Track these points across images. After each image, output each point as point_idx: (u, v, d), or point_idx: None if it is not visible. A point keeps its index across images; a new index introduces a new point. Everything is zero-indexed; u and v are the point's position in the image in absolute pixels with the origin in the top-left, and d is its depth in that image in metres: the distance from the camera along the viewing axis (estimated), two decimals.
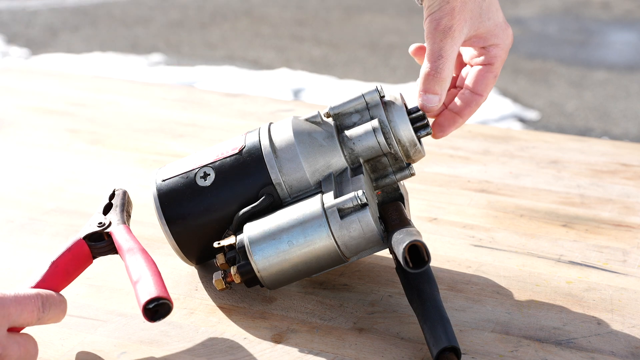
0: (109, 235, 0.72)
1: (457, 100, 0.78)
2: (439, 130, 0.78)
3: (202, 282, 0.78)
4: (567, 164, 1.06)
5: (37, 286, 0.66)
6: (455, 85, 0.82)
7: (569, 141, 1.14)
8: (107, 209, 0.76)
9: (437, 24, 0.73)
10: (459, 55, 0.81)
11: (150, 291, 0.65)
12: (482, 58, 0.78)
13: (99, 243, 0.72)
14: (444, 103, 0.80)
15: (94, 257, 0.72)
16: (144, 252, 0.70)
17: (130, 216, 0.77)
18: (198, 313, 0.73)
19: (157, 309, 0.65)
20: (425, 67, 0.74)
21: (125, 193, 0.78)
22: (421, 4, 0.75)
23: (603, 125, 3.32)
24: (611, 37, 4.61)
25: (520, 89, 3.70)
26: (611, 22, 4.83)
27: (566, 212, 0.93)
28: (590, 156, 1.09)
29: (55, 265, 0.68)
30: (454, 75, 0.82)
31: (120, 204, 0.76)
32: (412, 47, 0.80)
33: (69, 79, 1.41)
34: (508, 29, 0.77)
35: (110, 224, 0.73)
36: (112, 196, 0.77)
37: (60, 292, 0.67)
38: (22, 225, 0.90)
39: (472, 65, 0.80)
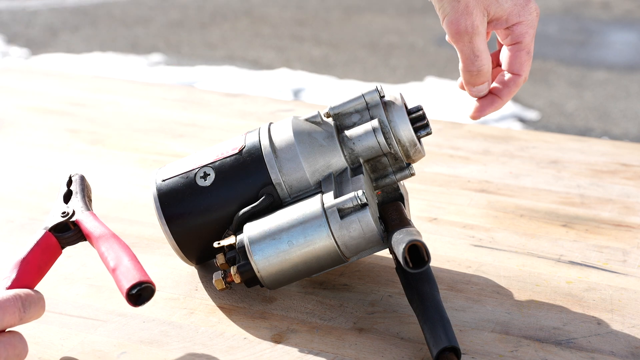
0: (74, 224, 0.71)
1: (496, 82, 0.78)
2: (477, 110, 0.78)
3: (202, 282, 0.78)
4: (567, 164, 1.06)
5: (12, 286, 0.65)
6: (498, 63, 0.81)
7: (569, 141, 1.14)
8: (67, 197, 0.74)
9: (457, 26, 0.73)
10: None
11: (131, 277, 0.65)
12: (509, 38, 0.77)
13: (66, 233, 0.70)
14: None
15: (63, 248, 0.71)
16: (117, 238, 0.69)
17: (91, 201, 0.76)
18: (198, 313, 0.73)
19: (140, 293, 0.65)
20: (465, 69, 0.75)
21: (83, 178, 0.76)
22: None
23: (603, 125, 3.32)
24: (611, 37, 4.61)
25: (520, 89, 3.70)
26: (611, 22, 4.83)
27: (566, 212, 0.93)
28: (590, 156, 1.09)
29: (26, 262, 0.67)
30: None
31: (80, 190, 0.74)
32: (459, 82, 0.80)
33: (69, 79, 1.41)
34: (529, 3, 0.75)
35: (74, 212, 0.72)
36: (69, 183, 0.75)
37: (36, 288, 0.67)
38: (22, 225, 0.90)
39: (503, 45, 0.79)
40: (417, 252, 0.66)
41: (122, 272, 0.66)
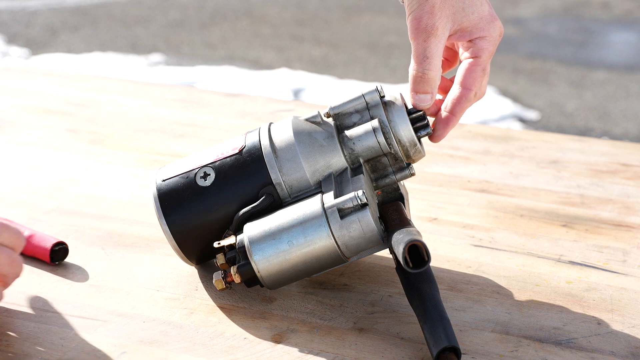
0: None
1: (448, 98, 0.78)
2: (436, 136, 0.78)
3: (202, 282, 0.78)
4: (567, 164, 1.06)
5: None
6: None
7: (569, 141, 1.14)
8: None
9: (418, 23, 0.73)
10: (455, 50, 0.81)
11: (50, 239, 0.81)
12: (470, 51, 0.77)
13: None
14: (440, 100, 0.80)
15: None
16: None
17: None
18: (198, 313, 0.73)
19: (58, 255, 0.80)
20: (412, 68, 0.75)
21: None
22: (402, 2, 0.75)
23: (603, 125, 3.32)
24: (611, 37, 4.61)
25: (520, 89, 3.70)
26: (611, 22, 4.83)
27: (566, 212, 0.93)
28: (590, 156, 1.09)
29: None
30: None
31: None
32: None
33: (69, 79, 1.41)
34: (495, 21, 0.76)
35: None
36: None
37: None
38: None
39: (461, 61, 0.79)
40: (417, 252, 0.66)
41: (39, 238, 0.81)
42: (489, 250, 0.84)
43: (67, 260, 0.82)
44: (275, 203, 0.73)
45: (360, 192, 0.68)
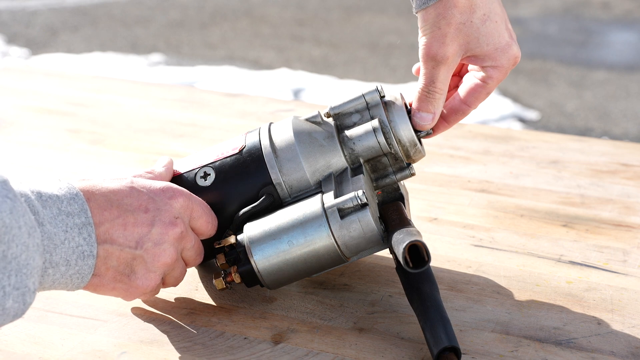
0: None
1: (446, 105, 0.78)
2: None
3: (202, 282, 0.78)
4: (567, 164, 1.06)
5: None
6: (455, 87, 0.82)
7: (569, 141, 1.14)
8: None
9: (429, 50, 0.73)
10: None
11: None
12: (480, 74, 0.77)
13: None
14: None
15: None
16: None
17: None
18: (198, 313, 0.73)
19: None
20: (419, 87, 0.75)
21: None
22: (416, 13, 0.75)
23: (603, 125, 3.32)
24: (611, 37, 4.61)
25: (520, 89, 3.70)
26: (611, 22, 4.83)
27: (566, 212, 0.93)
28: (590, 156, 1.09)
29: None
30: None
31: None
32: (415, 68, 0.80)
33: (69, 79, 1.41)
34: (510, 50, 0.75)
35: None
36: None
37: None
38: None
39: (468, 71, 0.79)
40: (418, 252, 0.66)
41: None
42: (489, 250, 0.84)
43: None
44: (276, 203, 0.73)
45: (360, 192, 0.68)
